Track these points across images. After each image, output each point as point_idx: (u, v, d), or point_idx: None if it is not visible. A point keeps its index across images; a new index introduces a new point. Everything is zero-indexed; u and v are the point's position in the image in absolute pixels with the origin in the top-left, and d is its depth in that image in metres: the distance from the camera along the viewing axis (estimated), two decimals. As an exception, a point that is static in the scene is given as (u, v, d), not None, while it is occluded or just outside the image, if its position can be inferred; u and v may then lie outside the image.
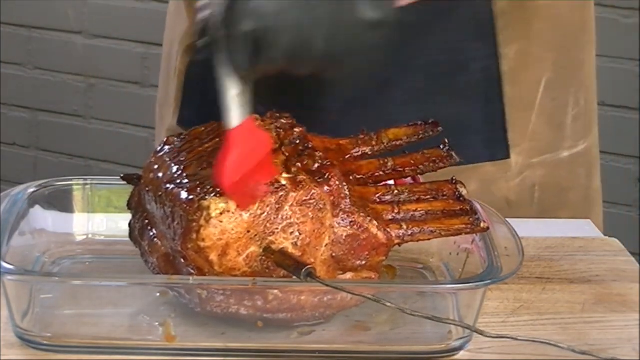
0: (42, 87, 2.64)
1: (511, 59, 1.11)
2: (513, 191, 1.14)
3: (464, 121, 1.12)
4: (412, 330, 0.84)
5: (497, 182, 1.13)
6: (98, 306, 0.84)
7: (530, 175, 1.14)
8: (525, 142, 1.13)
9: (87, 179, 0.96)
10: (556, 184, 1.16)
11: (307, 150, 0.84)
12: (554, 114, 1.14)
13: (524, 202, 1.15)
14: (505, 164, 1.13)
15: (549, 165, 1.15)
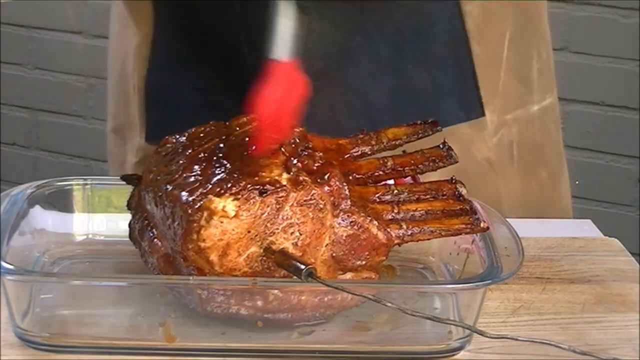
0: (42, 87, 2.64)
1: (475, 16, 1.10)
2: (493, 151, 1.14)
3: (435, 85, 1.11)
4: (412, 330, 0.84)
5: (475, 143, 1.13)
6: (98, 306, 0.84)
7: (507, 133, 1.14)
8: (497, 99, 1.13)
9: (87, 179, 0.96)
10: (531, 140, 1.16)
11: (307, 150, 0.84)
12: (520, 69, 1.14)
13: (505, 162, 1.15)
14: (481, 123, 1.13)
15: (522, 121, 1.15)
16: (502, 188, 1.15)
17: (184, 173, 0.83)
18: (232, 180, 0.80)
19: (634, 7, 2.23)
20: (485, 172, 1.12)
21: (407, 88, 1.10)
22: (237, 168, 0.82)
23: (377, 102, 1.11)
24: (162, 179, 0.84)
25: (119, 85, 1.24)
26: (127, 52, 1.21)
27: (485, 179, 1.14)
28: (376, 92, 1.10)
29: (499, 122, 1.13)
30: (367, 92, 1.09)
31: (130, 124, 1.21)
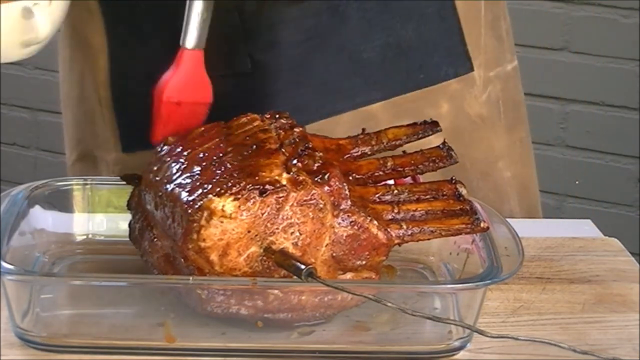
0: (42, 87, 2.64)
1: None
2: (484, 107, 1.15)
3: (423, 42, 1.12)
4: (412, 330, 0.84)
5: (467, 100, 1.14)
6: (98, 306, 0.84)
7: (493, 89, 1.16)
8: (481, 55, 1.15)
9: (87, 179, 0.96)
10: (511, 98, 1.18)
11: (307, 150, 0.84)
12: (495, 27, 1.16)
13: (494, 118, 1.16)
14: (470, 78, 1.14)
15: (502, 79, 1.17)
16: (495, 144, 1.17)
17: (184, 173, 0.83)
18: (232, 180, 0.80)
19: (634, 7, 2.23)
20: (478, 129, 1.14)
21: (396, 45, 1.11)
22: (237, 168, 0.82)
23: (369, 60, 1.12)
24: (162, 179, 0.84)
25: (79, 109, 1.21)
26: (83, 72, 1.19)
27: (479, 135, 1.16)
28: (367, 51, 1.11)
29: (485, 78, 1.15)
30: (359, 51, 1.10)
31: (99, 143, 1.19)
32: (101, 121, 1.18)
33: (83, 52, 1.19)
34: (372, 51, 1.11)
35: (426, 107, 1.13)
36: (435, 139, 0.94)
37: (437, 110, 1.13)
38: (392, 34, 1.11)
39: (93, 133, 1.20)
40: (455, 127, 1.13)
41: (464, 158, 1.11)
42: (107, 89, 1.16)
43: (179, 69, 0.91)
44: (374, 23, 1.10)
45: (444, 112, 1.13)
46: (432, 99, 1.12)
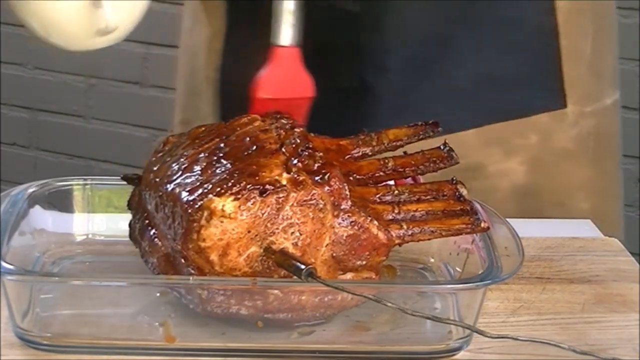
0: (42, 87, 2.64)
1: (565, 11, 1.14)
2: (572, 142, 1.18)
3: (520, 75, 1.15)
4: (412, 330, 0.84)
5: (555, 133, 1.17)
6: (98, 306, 0.84)
7: (586, 125, 1.18)
8: (578, 91, 1.17)
9: (87, 179, 0.96)
10: (605, 131, 1.22)
11: (307, 150, 0.84)
12: (596, 64, 1.19)
13: (581, 152, 1.19)
14: (562, 114, 1.17)
15: (598, 115, 1.20)
16: (576, 177, 1.19)
17: (185, 173, 0.83)
18: (232, 180, 0.80)
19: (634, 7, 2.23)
20: (561, 161, 1.17)
21: (491, 74, 1.14)
22: (238, 168, 0.82)
23: (467, 88, 1.15)
24: (163, 179, 0.84)
25: (188, 80, 1.27)
26: (198, 46, 1.24)
27: (561, 166, 1.18)
28: (467, 79, 1.14)
29: (578, 114, 1.17)
30: (458, 79, 1.14)
31: (200, 117, 1.24)
32: (205, 97, 1.23)
33: (202, 30, 1.23)
34: (471, 80, 1.14)
35: (515, 137, 1.16)
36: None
37: (525, 141, 1.16)
38: (493, 65, 1.14)
39: (196, 106, 1.25)
40: (540, 157, 1.17)
41: (542, 187, 1.18)
42: (216, 71, 1.20)
43: (272, 67, 0.92)
44: (477, 54, 1.14)
45: (531, 143, 1.16)
46: (521, 129, 1.16)
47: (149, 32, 2.48)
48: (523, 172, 1.17)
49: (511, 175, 1.17)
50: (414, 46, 1.12)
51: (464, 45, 1.13)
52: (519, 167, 1.16)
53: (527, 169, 1.17)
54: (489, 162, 1.17)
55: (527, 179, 1.17)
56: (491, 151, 1.16)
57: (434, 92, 1.14)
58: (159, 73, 2.56)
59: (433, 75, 1.14)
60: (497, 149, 1.16)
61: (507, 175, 1.17)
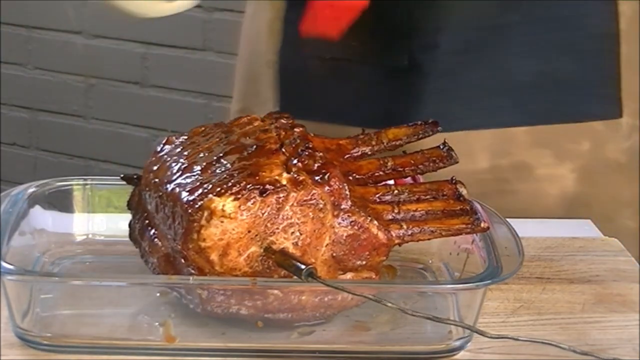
0: (42, 87, 2.64)
1: (628, 17, 1.11)
2: (625, 154, 1.15)
3: (578, 77, 1.12)
4: (412, 330, 0.84)
5: (608, 143, 1.14)
6: (98, 306, 0.84)
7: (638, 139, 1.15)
8: (634, 103, 1.14)
9: (87, 179, 0.96)
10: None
11: (307, 150, 0.84)
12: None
13: (631, 166, 1.16)
14: (616, 123, 1.14)
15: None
16: (625, 191, 1.17)
17: (184, 173, 0.83)
18: (232, 180, 0.80)
19: (634, 7, 2.22)
20: (611, 173, 1.15)
21: (551, 75, 1.12)
22: (237, 168, 0.82)
23: (520, 84, 1.13)
24: (163, 179, 0.84)
25: (248, 65, 1.27)
26: (259, 30, 1.23)
27: (611, 179, 1.16)
28: (520, 74, 1.12)
29: (633, 126, 1.15)
30: (512, 73, 1.12)
31: (260, 102, 1.23)
32: (265, 81, 1.22)
33: (263, 14, 1.22)
34: (525, 75, 1.12)
35: (567, 142, 1.14)
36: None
37: (577, 146, 1.14)
38: (549, 63, 1.12)
39: (256, 91, 1.24)
40: (590, 166, 1.15)
41: (590, 197, 1.15)
42: (276, 54, 1.20)
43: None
44: (534, 49, 1.12)
45: (583, 151, 1.14)
46: (574, 134, 1.13)
47: (149, 32, 2.48)
48: (573, 179, 1.15)
49: (561, 182, 1.15)
50: (467, 29, 1.10)
51: (518, 37, 1.11)
52: (569, 174, 1.14)
53: (577, 177, 1.14)
54: (538, 164, 1.14)
55: (577, 188, 1.15)
56: (541, 152, 1.14)
57: (484, 80, 1.12)
58: (159, 73, 2.56)
59: (484, 62, 1.12)
60: (547, 150, 1.14)
61: (557, 181, 1.15)
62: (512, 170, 1.12)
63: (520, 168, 1.14)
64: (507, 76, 1.12)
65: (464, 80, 1.11)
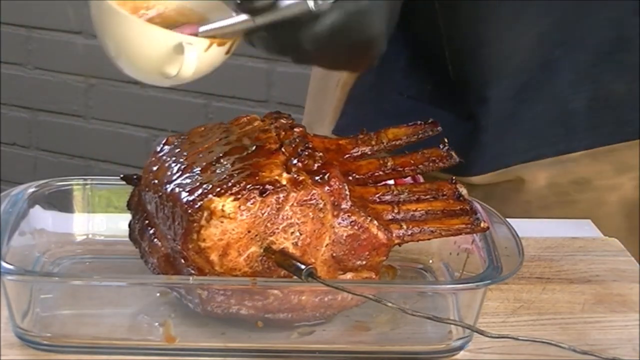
0: (42, 87, 2.64)
1: None
2: None
3: (633, 96, 1.13)
4: (412, 330, 0.84)
5: None
6: (98, 306, 0.84)
7: None
8: None
9: (87, 179, 0.96)
10: None
11: (307, 150, 0.84)
12: None
13: None
14: None
15: None
16: None
17: (184, 173, 0.83)
18: (232, 180, 0.80)
19: (634, 7, 2.22)
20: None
21: (604, 97, 1.13)
22: (237, 168, 0.82)
23: (575, 110, 1.13)
24: (162, 180, 0.84)
25: (320, 83, 1.28)
26: None
27: None
28: (575, 101, 1.13)
29: None
30: (566, 101, 1.13)
31: (320, 119, 1.25)
32: (330, 101, 1.24)
33: None
34: (580, 102, 1.13)
35: (628, 157, 1.14)
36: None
37: (637, 159, 1.14)
38: (603, 87, 1.12)
39: (320, 107, 1.26)
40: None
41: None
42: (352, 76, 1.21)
43: None
44: (584, 75, 1.12)
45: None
46: (635, 149, 1.14)
47: (149, 32, 2.48)
48: (632, 187, 1.15)
49: (620, 190, 1.15)
50: (515, 76, 1.11)
51: (567, 68, 1.11)
52: (628, 182, 1.14)
53: (636, 185, 1.15)
54: (597, 177, 1.15)
55: (638, 195, 1.15)
56: (600, 167, 1.14)
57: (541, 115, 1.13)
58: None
59: (537, 100, 1.12)
60: (606, 166, 1.14)
61: (615, 189, 1.15)
62: (570, 185, 1.12)
63: (579, 182, 1.15)
64: (561, 105, 1.13)
65: (520, 119, 1.12)
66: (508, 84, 1.12)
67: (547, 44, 1.11)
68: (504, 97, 1.12)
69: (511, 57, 1.11)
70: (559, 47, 1.11)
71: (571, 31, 1.10)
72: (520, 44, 1.10)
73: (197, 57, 0.85)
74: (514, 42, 1.10)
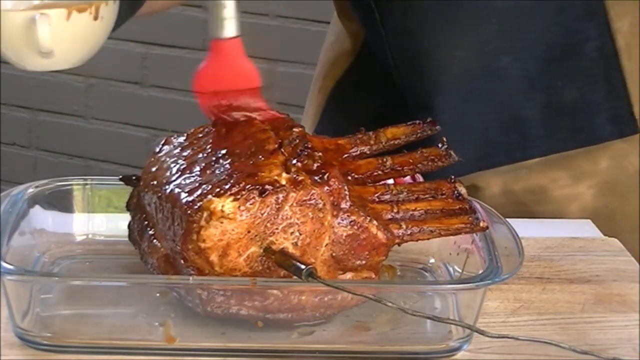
0: (42, 87, 2.64)
1: (625, 32, 1.10)
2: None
3: (586, 102, 1.12)
4: (412, 330, 0.84)
5: (628, 157, 1.14)
6: (98, 306, 0.84)
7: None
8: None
9: (87, 179, 0.96)
10: None
11: (306, 150, 0.84)
12: None
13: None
14: (635, 139, 1.13)
15: None
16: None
17: (184, 174, 0.83)
18: (231, 180, 0.80)
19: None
20: (635, 185, 1.14)
21: (558, 103, 1.12)
22: (237, 168, 0.82)
23: (528, 118, 1.13)
24: (162, 180, 0.84)
25: (313, 84, 1.31)
26: (329, 59, 1.27)
27: (635, 192, 1.15)
28: (527, 109, 1.12)
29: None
30: (519, 109, 1.12)
31: (305, 120, 1.28)
32: (314, 104, 1.28)
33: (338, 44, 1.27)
34: (533, 108, 1.12)
35: (583, 162, 1.14)
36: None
37: (595, 166, 1.14)
38: (555, 93, 1.12)
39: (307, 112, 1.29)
40: (611, 180, 1.14)
41: (615, 212, 1.14)
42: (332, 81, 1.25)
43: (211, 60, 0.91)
44: (536, 82, 1.12)
45: (601, 168, 1.14)
46: (591, 155, 1.13)
47: (149, 32, 2.48)
48: (592, 196, 1.14)
49: (580, 200, 1.14)
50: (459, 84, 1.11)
51: (516, 76, 1.11)
52: (587, 190, 1.14)
53: (596, 193, 1.14)
54: (554, 186, 1.14)
55: (598, 204, 1.15)
56: (556, 175, 1.14)
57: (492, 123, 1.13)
58: (159, 73, 2.56)
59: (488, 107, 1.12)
60: (562, 173, 1.14)
61: (575, 199, 1.14)
62: (526, 194, 1.12)
63: (535, 192, 1.14)
64: (514, 113, 1.13)
65: (469, 128, 1.12)
66: (451, 93, 1.12)
67: (490, 52, 1.11)
68: (449, 106, 1.12)
69: (450, 66, 1.11)
70: (506, 55, 1.10)
71: (516, 38, 1.10)
72: (458, 52, 1.10)
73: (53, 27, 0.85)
74: (451, 51, 1.10)
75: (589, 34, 1.10)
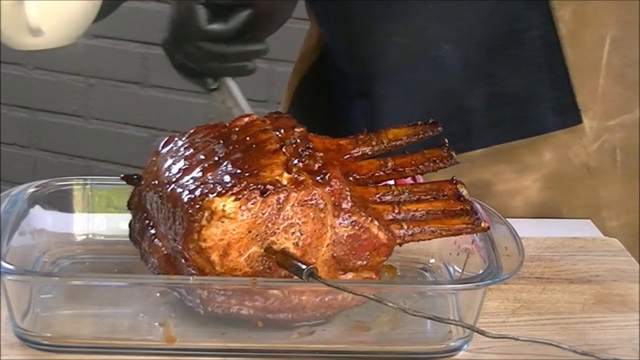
0: (42, 87, 2.64)
1: (567, 20, 1.09)
2: (592, 157, 1.13)
3: (530, 92, 1.11)
4: (412, 330, 0.84)
5: (572, 149, 1.13)
6: (98, 306, 0.84)
7: (609, 138, 1.13)
8: (597, 105, 1.12)
9: (87, 179, 0.96)
10: (635, 145, 1.15)
11: (307, 150, 0.84)
12: (625, 73, 1.12)
13: (606, 168, 1.14)
14: (579, 129, 1.12)
15: (628, 127, 1.13)
16: (602, 193, 1.15)
17: (185, 173, 0.83)
18: (233, 180, 0.80)
19: (634, 7, 2.22)
20: (582, 177, 1.13)
21: (501, 93, 1.11)
22: (238, 168, 0.82)
23: (471, 108, 1.12)
24: (163, 180, 0.84)
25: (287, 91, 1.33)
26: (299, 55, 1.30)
27: (582, 184, 1.14)
28: (470, 99, 1.11)
29: (599, 128, 1.12)
30: (461, 98, 1.11)
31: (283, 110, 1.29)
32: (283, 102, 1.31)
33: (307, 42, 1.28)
34: (476, 98, 1.11)
35: (527, 155, 1.13)
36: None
37: (539, 158, 1.13)
38: (497, 83, 1.11)
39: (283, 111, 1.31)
40: (557, 173, 1.13)
41: (561, 205, 1.13)
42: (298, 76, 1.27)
43: None
44: (478, 71, 1.11)
45: (546, 160, 1.13)
46: (534, 147, 1.12)
47: (149, 32, 2.48)
48: (537, 189, 1.13)
49: (524, 194, 1.14)
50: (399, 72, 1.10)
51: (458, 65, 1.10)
52: (532, 184, 1.13)
53: (541, 187, 1.13)
54: (497, 180, 1.13)
55: (543, 197, 1.14)
56: (499, 169, 1.13)
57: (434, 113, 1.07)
58: (159, 73, 2.56)
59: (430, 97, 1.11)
60: (505, 167, 1.13)
61: (519, 193, 1.13)
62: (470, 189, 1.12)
63: (479, 186, 1.12)
64: (456, 103, 1.12)
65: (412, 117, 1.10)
66: (390, 80, 1.11)
67: (429, 39, 1.09)
68: (389, 94, 1.11)
69: (388, 53, 1.09)
70: (446, 43, 1.09)
71: (456, 26, 1.09)
72: (395, 38, 1.09)
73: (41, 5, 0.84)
74: (387, 37, 1.09)
75: (532, 22, 1.09)
